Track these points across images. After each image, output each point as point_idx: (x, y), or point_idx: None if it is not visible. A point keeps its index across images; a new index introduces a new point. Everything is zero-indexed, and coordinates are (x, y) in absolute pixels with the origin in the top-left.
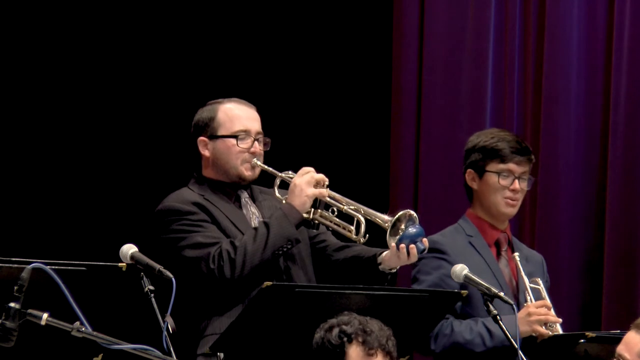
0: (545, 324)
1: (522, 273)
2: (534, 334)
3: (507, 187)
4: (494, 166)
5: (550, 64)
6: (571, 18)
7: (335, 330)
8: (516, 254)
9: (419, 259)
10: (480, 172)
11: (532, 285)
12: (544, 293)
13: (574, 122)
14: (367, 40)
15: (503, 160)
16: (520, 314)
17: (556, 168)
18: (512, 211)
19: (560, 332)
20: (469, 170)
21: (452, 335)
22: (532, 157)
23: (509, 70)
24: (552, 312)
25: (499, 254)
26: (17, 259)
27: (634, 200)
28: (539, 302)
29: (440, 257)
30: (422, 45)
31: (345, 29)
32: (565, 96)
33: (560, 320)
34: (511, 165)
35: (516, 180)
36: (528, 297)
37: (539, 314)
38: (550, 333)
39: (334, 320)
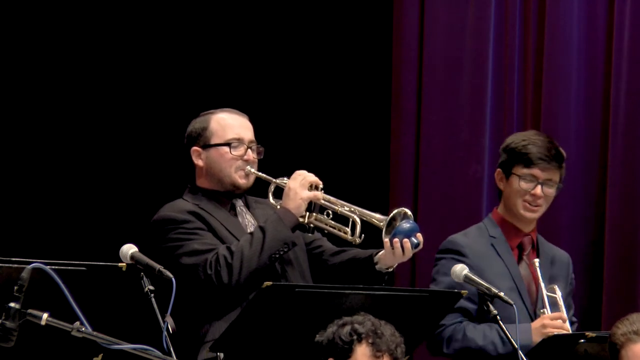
0: None
1: (540, 280)
2: None
3: (528, 192)
4: (518, 169)
5: (550, 64)
6: (571, 18)
7: (348, 328)
8: (536, 260)
9: (439, 259)
10: (507, 174)
11: (548, 293)
12: (560, 302)
13: (574, 122)
14: (367, 40)
15: (527, 164)
16: (535, 324)
17: None
18: (532, 215)
19: None
20: (498, 170)
21: (464, 340)
22: (562, 164)
23: (509, 70)
24: (567, 324)
25: (520, 258)
26: (17, 259)
27: (634, 200)
28: (555, 314)
29: (459, 260)
30: (422, 45)
31: (345, 29)
32: (565, 96)
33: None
34: (535, 171)
35: (539, 186)
36: (540, 306)
37: (554, 327)
38: None
39: (348, 319)
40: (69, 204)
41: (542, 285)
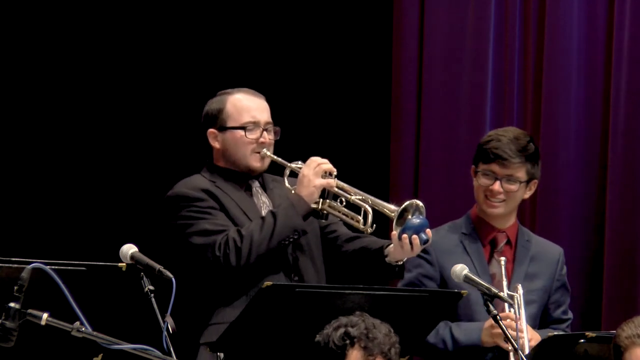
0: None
1: (504, 278)
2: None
3: (488, 187)
4: (480, 165)
5: (550, 64)
6: (571, 18)
7: (341, 331)
8: (502, 258)
9: None
10: (476, 170)
11: (509, 292)
12: (520, 302)
13: (574, 122)
14: (367, 40)
15: (486, 160)
16: (486, 324)
17: (556, 168)
18: (493, 211)
19: (526, 350)
20: (472, 166)
21: None
22: (530, 160)
23: (509, 71)
24: (523, 323)
25: (492, 254)
26: (17, 259)
27: (634, 200)
28: (503, 314)
29: (422, 256)
30: (422, 45)
31: (345, 29)
32: (565, 96)
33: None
34: (493, 166)
35: (497, 182)
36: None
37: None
38: (510, 348)
39: (343, 320)
40: (69, 204)
41: (505, 284)
